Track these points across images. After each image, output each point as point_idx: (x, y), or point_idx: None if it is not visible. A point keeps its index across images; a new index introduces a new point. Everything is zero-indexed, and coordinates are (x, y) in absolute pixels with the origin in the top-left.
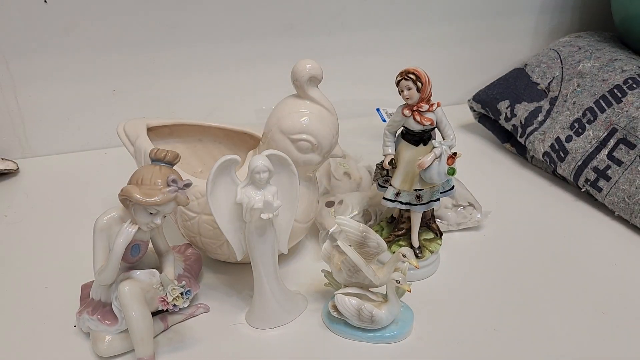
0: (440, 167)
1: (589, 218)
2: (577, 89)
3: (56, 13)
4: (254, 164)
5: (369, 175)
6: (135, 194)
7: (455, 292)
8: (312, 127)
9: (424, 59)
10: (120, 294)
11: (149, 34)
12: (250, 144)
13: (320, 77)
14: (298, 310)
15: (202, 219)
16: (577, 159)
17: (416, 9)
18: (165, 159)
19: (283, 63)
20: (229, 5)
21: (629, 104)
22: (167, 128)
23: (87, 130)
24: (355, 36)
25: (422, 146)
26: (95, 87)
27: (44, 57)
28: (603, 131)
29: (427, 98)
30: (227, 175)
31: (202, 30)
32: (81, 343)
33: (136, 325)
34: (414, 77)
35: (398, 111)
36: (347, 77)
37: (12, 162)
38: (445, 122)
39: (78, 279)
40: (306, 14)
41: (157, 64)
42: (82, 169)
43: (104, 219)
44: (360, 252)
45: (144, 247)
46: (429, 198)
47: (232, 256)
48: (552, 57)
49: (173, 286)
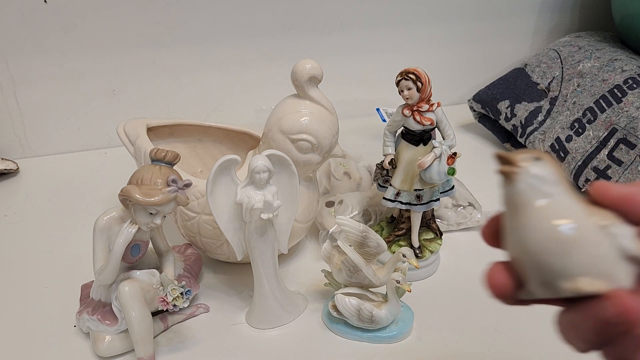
0: (440, 167)
1: None
2: (577, 89)
3: (56, 13)
4: (254, 164)
5: (369, 175)
6: (135, 194)
7: (455, 292)
8: (312, 127)
9: (424, 59)
10: (120, 294)
11: (149, 34)
12: (250, 144)
13: (320, 77)
14: (298, 310)
15: (202, 219)
16: (577, 159)
17: (416, 9)
18: (165, 159)
19: (283, 63)
20: (229, 5)
21: (629, 104)
22: (167, 128)
23: (87, 130)
24: (355, 36)
25: (422, 146)
26: (95, 87)
27: (44, 57)
28: (603, 131)
29: (427, 98)
30: (227, 175)
31: (202, 30)
32: (81, 343)
33: (136, 325)
34: (414, 77)
35: (398, 111)
36: (347, 77)
37: (12, 162)
38: (445, 122)
39: (78, 279)
40: (306, 14)
41: (157, 64)
42: (82, 169)
43: (104, 219)
44: (360, 252)
45: (144, 247)
46: (429, 198)
47: (232, 256)
48: (552, 57)
49: (173, 286)
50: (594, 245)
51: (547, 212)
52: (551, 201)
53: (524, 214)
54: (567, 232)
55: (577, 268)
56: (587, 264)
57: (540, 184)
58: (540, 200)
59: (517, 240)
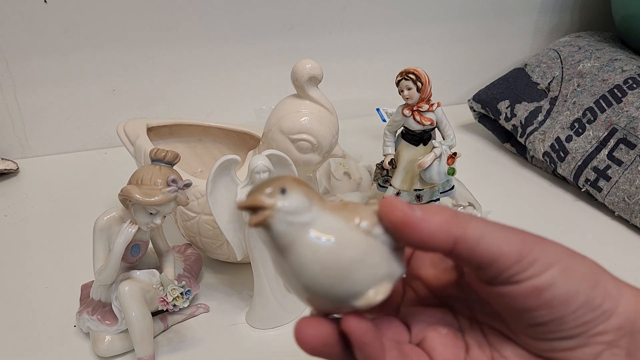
0: (440, 167)
1: (589, 218)
2: (577, 88)
3: (56, 13)
4: (254, 164)
5: (369, 175)
6: (135, 194)
7: None
8: (312, 127)
9: (424, 59)
10: (120, 294)
11: (149, 34)
12: (250, 144)
13: (320, 77)
14: (298, 310)
15: (202, 219)
16: (577, 159)
17: (416, 9)
18: (165, 159)
19: (283, 63)
20: (229, 5)
21: (629, 104)
22: (167, 128)
23: (87, 130)
24: (355, 36)
25: (422, 146)
26: (95, 87)
27: (44, 57)
28: (603, 131)
29: (427, 98)
30: (227, 175)
31: (202, 30)
32: (81, 343)
33: (136, 325)
34: (414, 77)
35: (398, 111)
36: (347, 77)
37: (12, 162)
38: (445, 122)
39: (78, 279)
40: (306, 14)
41: (157, 64)
42: (82, 169)
43: (104, 219)
44: None
45: (144, 247)
46: (429, 198)
47: (232, 256)
48: (552, 57)
49: (173, 286)
50: (368, 256)
51: (314, 243)
52: (314, 229)
53: (295, 254)
54: (343, 257)
55: (362, 283)
56: (370, 275)
57: (296, 216)
58: (304, 234)
59: (299, 282)
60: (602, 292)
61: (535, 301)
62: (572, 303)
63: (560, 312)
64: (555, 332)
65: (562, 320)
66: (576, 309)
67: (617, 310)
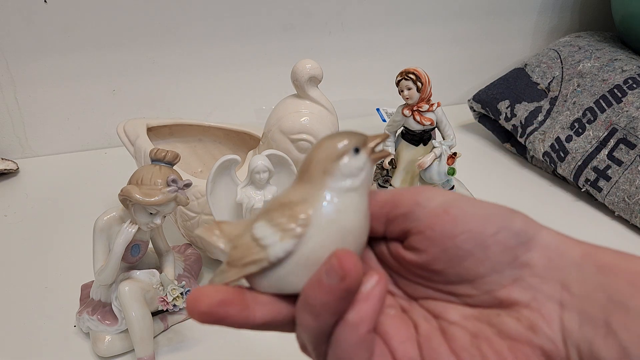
0: (440, 167)
1: (589, 218)
2: (577, 89)
3: (56, 13)
4: (254, 164)
5: None
6: (135, 194)
7: None
8: (312, 127)
9: (424, 59)
10: (120, 294)
11: (149, 34)
12: (250, 144)
13: (320, 77)
14: None
15: (202, 219)
16: (577, 159)
17: (416, 9)
18: (165, 159)
19: (283, 63)
20: (229, 5)
21: (629, 104)
22: (167, 128)
23: (87, 130)
24: (355, 36)
25: (422, 146)
26: (95, 87)
27: (44, 57)
28: (603, 131)
29: (427, 98)
30: (227, 175)
31: (202, 30)
32: (81, 343)
33: (136, 325)
34: (414, 77)
35: (398, 111)
36: (347, 77)
37: (12, 162)
38: (445, 122)
39: (78, 279)
40: (306, 14)
41: (157, 64)
42: (82, 169)
43: (104, 219)
44: None
45: (144, 247)
46: None
47: None
48: (552, 57)
49: (173, 286)
50: None
51: None
52: None
53: None
54: None
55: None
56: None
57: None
58: None
59: None
60: (522, 219)
61: (450, 226)
62: (490, 224)
63: (480, 231)
64: (484, 261)
65: (485, 245)
66: (496, 232)
67: (541, 236)
